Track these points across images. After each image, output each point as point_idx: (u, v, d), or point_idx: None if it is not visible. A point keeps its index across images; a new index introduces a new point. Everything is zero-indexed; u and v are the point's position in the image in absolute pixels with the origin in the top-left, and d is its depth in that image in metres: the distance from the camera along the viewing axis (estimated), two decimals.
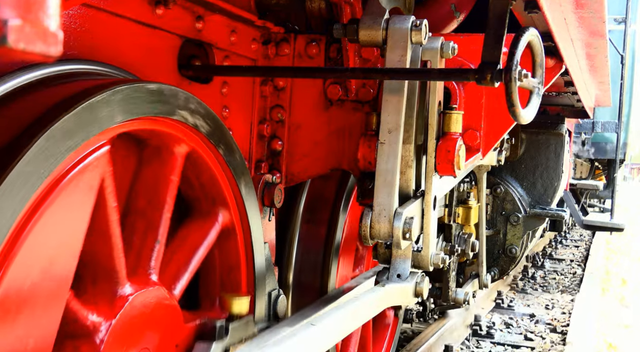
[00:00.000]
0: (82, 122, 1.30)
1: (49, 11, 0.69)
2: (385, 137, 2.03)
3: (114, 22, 1.65)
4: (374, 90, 2.33)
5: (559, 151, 4.87)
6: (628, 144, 10.86)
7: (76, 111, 1.28)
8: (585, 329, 5.81)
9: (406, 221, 2.01)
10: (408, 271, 2.14)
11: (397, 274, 2.14)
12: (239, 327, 1.86)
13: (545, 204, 4.83)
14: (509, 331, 6.14)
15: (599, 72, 4.50)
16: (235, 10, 2.06)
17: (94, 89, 1.35)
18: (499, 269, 4.87)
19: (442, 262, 2.21)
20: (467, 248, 3.10)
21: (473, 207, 3.52)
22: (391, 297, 2.10)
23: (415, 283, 2.13)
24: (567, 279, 9.00)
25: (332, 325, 1.82)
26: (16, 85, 1.35)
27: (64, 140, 1.26)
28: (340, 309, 1.89)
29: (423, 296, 2.14)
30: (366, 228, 2.01)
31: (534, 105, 2.02)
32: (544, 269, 9.53)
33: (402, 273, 2.13)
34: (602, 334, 6.03)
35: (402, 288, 2.11)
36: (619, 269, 9.98)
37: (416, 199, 2.15)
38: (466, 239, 3.13)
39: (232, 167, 1.88)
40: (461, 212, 3.48)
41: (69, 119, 1.26)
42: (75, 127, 1.29)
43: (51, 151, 1.23)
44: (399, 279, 2.13)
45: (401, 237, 1.99)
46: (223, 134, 1.83)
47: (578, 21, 2.97)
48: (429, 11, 2.75)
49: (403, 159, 2.09)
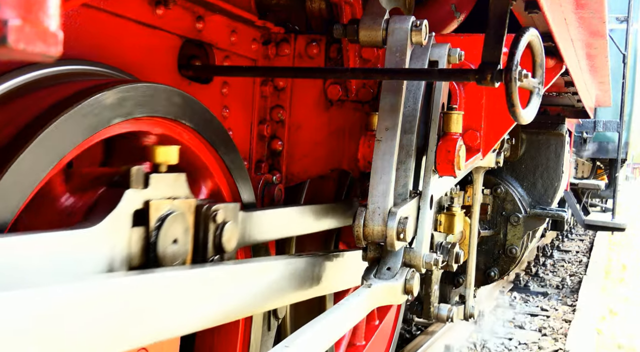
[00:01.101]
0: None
1: (49, 11, 0.69)
2: (382, 135, 1.98)
3: (114, 23, 1.65)
4: (374, 90, 2.33)
5: (559, 151, 4.87)
6: (630, 143, 10.87)
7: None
8: (591, 302, 7.34)
9: (400, 220, 1.92)
10: (399, 265, 2.00)
11: (387, 267, 2.00)
12: (165, 181, 1.56)
13: (545, 204, 4.83)
14: (527, 305, 7.63)
15: (599, 72, 4.50)
16: (236, 11, 2.07)
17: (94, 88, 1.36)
18: (499, 270, 4.87)
19: (434, 264, 2.08)
20: (451, 259, 2.86)
21: (457, 214, 3.18)
22: (378, 297, 1.95)
23: (404, 280, 1.98)
24: (574, 266, 10.41)
25: (309, 342, 1.61)
26: (15, 85, 1.35)
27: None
28: (317, 322, 1.69)
29: (413, 293, 1.97)
30: (359, 228, 1.92)
31: (534, 106, 2.02)
32: (553, 258, 10.77)
33: (392, 266, 1.99)
34: (605, 305, 7.57)
35: (389, 286, 1.95)
36: (620, 257, 11.26)
37: (412, 198, 2.08)
38: (449, 249, 2.87)
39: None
40: (444, 219, 3.08)
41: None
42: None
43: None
44: (389, 272, 1.99)
45: (395, 237, 1.91)
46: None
47: (578, 21, 2.97)
48: (429, 11, 2.75)
49: (400, 158, 2.06)
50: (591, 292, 8.01)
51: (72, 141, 1.29)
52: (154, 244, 1.51)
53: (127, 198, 1.44)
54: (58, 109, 1.26)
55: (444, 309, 3.22)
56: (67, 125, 1.27)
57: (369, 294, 1.91)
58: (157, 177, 1.52)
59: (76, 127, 1.30)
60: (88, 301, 1.23)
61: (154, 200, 1.51)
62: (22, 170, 1.18)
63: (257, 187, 2.31)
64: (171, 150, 1.55)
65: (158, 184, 1.52)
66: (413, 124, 2.13)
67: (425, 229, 2.10)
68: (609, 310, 7.36)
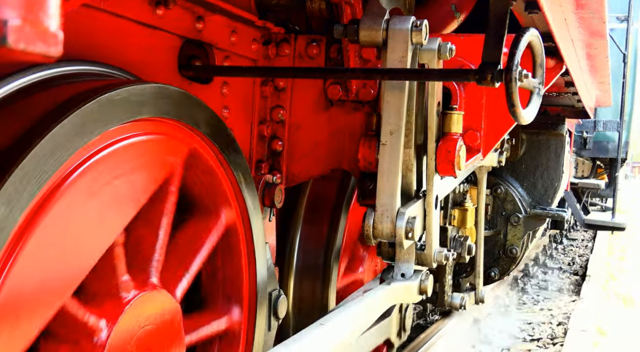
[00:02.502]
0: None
1: (49, 11, 0.69)
2: (386, 139, 2.05)
3: (114, 23, 1.65)
4: (375, 90, 2.33)
5: (559, 151, 4.87)
6: (630, 143, 10.87)
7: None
8: (597, 271, 9.31)
9: (409, 220, 2.04)
10: (412, 270, 2.19)
11: (401, 273, 2.18)
12: None
13: (545, 204, 4.83)
14: (546, 275, 9.52)
15: (599, 72, 4.50)
16: (236, 11, 2.07)
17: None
18: (500, 270, 4.87)
19: (445, 259, 2.24)
20: (464, 251, 3.08)
21: (469, 210, 3.41)
22: (396, 295, 2.13)
23: (419, 281, 2.18)
24: (581, 249, 12.62)
25: (341, 323, 1.84)
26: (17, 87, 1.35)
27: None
28: (347, 307, 1.91)
29: (427, 293, 2.18)
30: (369, 228, 2.04)
31: (535, 106, 2.02)
32: (562, 244, 12.92)
33: (406, 272, 2.18)
34: (608, 273, 9.61)
35: (406, 286, 2.15)
36: (620, 241, 13.29)
37: (418, 199, 2.17)
38: (462, 242, 3.10)
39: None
40: (457, 214, 3.38)
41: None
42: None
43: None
44: (404, 278, 2.18)
45: (404, 236, 2.03)
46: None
47: (578, 21, 2.97)
48: (429, 11, 2.74)
49: (404, 160, 2.10)
50: (597, 264, 9.99)
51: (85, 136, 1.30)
52: None
53: None
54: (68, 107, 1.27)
55: (457, 297, 3.68)
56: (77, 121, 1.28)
57: (388, 291, 2.09)
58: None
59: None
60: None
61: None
62: (31, 168, 1.18)
63: (258, 188, 2.31)
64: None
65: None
66: (415, 125, 2.15)
67: (433, 227, 2.21)
68: (610, 275, 9.50)
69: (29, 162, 1.18)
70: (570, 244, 13.17)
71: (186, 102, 1.66)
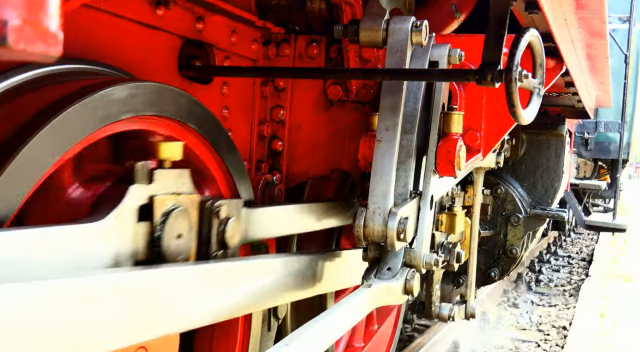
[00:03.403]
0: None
1: (49, 12, 0.69)
2: (382, 135, 1.98)
3: (114, 23, 1.66)
4: (375, 90, 2.33)
5: (559, 152, 4.87)
6: (631, 144, 10.84)
7: None
8: (602, 255, 11.97)
9: (401, 221, 1.91)
10: (399, 265, 1.99)
11: (387, 267, 1.99)
12: (169, 176, 1.57)
13: (545, 204, 4.83)
14: (557, 261, 11.76)
15: (599, 72, 4.50)
16: (236, 11, 2.07)
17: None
18: (500, 270, 4.86)
19: (435, 264, 2.07)
20: (452, 259, 2.79)
21: (458, 214, 3.10)
22: (378, 297, 1.94)
23: (405, 280, 1.97)
24: (587, 241, 15.04)
25: (309, 341, 1.60)
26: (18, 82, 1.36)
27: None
28: (317, 322, 1.69)
29: (413, 293, 1.97)
30: (359, 228, 1.91)
31: (535, 106, 2.02)
32: (571, 236, 15.22)
33: (392, 266, 1.99)
34: (611, 256, 12.21)
35: (389, 287, 1.94)
36: (623, 235, 14.50)
37: (412, 199, 2.08)
38: (450, 249, 2.86)
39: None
40: (445, 219, 3.09)
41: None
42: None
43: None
44: (390, 272, 1.98)
45: (395, 237, 1.90)
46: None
47: (578, 22, 2.97)
48: (430, 12, 2.75)
49: (400, 158, 2.05)
50: (602, 249, 12.43)
51: (79, 134, 1.30)
52: (158, 239, 1.52)
53: (132, 193, 1.46)
54: (65, 102, 1.27)
55: (445, 308, 3.22)
56: (74, 117, 1.28)
57: (369, 293, 1.91)
58: (162, 173, 1.54)
59: (83, 120, 1.30)
60: (92, 295, 1.24)
61: (158, 195, 1.52)
62: (28, 160, 1.19)
63: (258, 188, 2.31)
64: (176, 146, 1.56)
65: (162, 179, 1.54)
66: (413, 124, 2.13)
67: (426, 229, 2.10)
68: (613, 259, 11.86)
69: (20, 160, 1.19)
70: (577, 238, 15.40)
71: (166, 96, 1.59)
